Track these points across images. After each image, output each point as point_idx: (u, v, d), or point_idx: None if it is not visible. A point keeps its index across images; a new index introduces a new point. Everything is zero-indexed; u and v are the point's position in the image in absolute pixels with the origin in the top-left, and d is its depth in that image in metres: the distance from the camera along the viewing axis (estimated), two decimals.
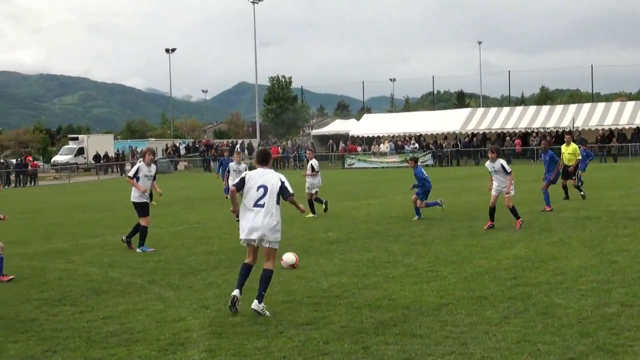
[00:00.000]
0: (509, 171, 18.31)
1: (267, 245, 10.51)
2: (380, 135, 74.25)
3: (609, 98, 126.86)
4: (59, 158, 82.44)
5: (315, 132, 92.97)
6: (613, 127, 65.82)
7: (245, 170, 22.42)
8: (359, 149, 72.99)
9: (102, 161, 76.54)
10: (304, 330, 9.11)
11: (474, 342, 8.29)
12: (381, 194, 32.27)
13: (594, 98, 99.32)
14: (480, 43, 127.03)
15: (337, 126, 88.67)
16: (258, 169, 10.77)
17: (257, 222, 10.40)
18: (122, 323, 9.90)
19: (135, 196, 17.15)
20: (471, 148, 67.23)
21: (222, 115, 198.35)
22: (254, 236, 10.46)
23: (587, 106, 72.37)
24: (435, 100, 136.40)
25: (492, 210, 18.53)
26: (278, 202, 10.50)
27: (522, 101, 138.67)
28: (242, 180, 10.69)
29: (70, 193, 46.54)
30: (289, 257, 13.72)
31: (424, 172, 21.78)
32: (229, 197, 17.10)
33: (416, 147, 69.26)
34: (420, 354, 7.96)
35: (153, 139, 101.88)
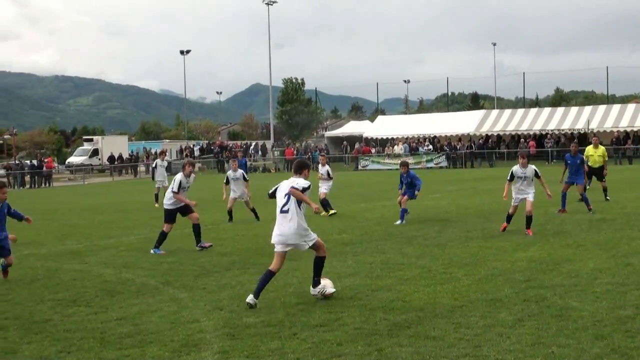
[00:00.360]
0: (540, 175, 17.91)
1: (305, 248, 11.22)
2: (394, 136, 74.17)
3: (624, 100, 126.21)
4: (73, 159, 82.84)
5: (329, 133, 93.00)
6: (628, 129, 65.58)
7: (243, 175, 23.18)
8: (373, 150, 72.93)
9: (116, 162, 76.82)
10: (317, 332, 9.10)
11: (487, 344, 8.26)
12: (395, 196, 32.19)
13: (609, 100, 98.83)
14: (494, 44, 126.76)
15: (351, 128, 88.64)
16: (290, 178, 11.40)
17: (283, 228, 11.01)
18: (136, 324, 9.92)
19: (168, 203, 17.22)
20: (485, 150, 67.11)
21: (236, 117, 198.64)
22: (284, 247, 11.11)
23: (602, 108, 72.14)
24: (450, 102, 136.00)
25: (511, 217, 18.18)
26: (300, 207, 10.97)
27: (537, 103, 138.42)
28: (275, 190, 11.45)
29: (85, 194, 46.71)
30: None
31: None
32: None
33: (430, 149, 69.20)
34: (434, 356, 7.94)
35: (167, 141, 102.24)
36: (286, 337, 8.90)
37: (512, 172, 18.11)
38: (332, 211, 23.55)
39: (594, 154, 25.26)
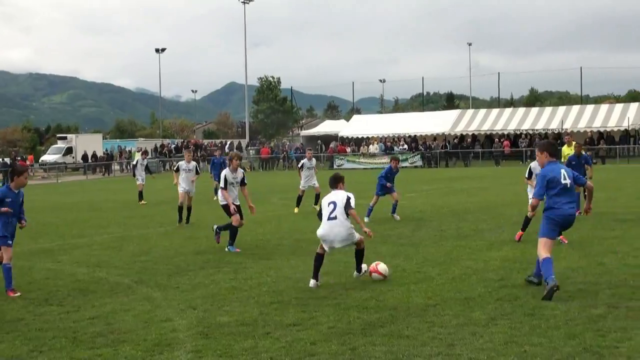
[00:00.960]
0: None
1: (347, 246, 12.39)
2: (370, 136, 74.31)
3: (597, 100, 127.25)
4: (47, 157, 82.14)
5: (304, 132, 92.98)
6: (602, 129, 66.17)
7: (196, 167, 22.87)
8: (348, 149, 72.97)
9: (90, 161, 76.32)
10: (291, 331, 9.09)
11: (460, 343, 8.29)
12: (369, 195, 32.14)
13: (583, 100, 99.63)
14: (470, 45, 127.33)
15: (327, 127, 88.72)
16: (331, 192, 12.67)
17: (331, 233, 12.08)
18: (109, 323, 9.86)
19: (221, 199, 16.86)
20: (460, 149, 67.41)
21: (211, 115, 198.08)
22: (329, 247, 12.27)
23: (576, 108, 72.81)
24: (425, 102, 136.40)
25: (529, 221, 16.36)
26: (347, 214, 12.13)
27: (512, 103, 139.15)
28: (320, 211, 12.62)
29: (58, 193, 46.37)
30: (383, 269, 12.97)
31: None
32: (218, 198, 17.07)
33: (405, 148, 69.39)
34: (407, 355, 7.96)
35: (142, 139, 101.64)
36: (260, 336, 8.89)
37: (530, 168, 17.17)
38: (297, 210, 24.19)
39: (569, 153, 25.15)
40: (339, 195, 12.39)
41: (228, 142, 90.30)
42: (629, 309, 9.68)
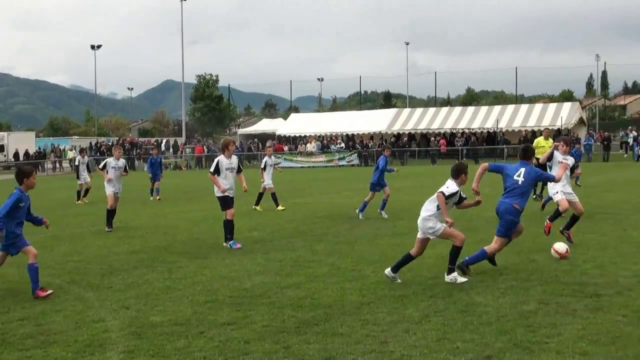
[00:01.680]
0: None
1: (433, 238, 11.90)
2: (307, 134, 74.41)
3: (532, 100, 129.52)
4: None
5: (242, 131, 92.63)
6: (535, 128, 67.21)
7: (125, 165, 21.62)
8: (286, 148, 72.95)
9: (22, 159, 74.89)
10: (225, 330, 9.04)
11: (394, 340, 8.34)
12: (307, 194, 32.30)
13: (518, 100, 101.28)
14: (407, 44, 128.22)
15: (264, 125, 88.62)
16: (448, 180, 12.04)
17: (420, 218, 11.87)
18: (39, 324, 9.68)
19: (216, 191, 16.43)
20: (396, 148, 67.83)
21: (147, 113, 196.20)
22: (420, 234, 11.96)
23: (511, 107, 74.01)
24: (363, 101, 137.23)
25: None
26: (436, 207, 11.70)
27: (448, 102, 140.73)
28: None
29: None
30: (560, 247, 13.32)
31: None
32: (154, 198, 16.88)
33: (342, 147, 69.65)
34: (341, 352, 7.98)
35: (76, 137, 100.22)
36: (193, 336, 8.81)
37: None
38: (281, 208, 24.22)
39: (545, 145, 24.32)
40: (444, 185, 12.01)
41: (164, 141, 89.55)
42: (559, 305, 9.85)
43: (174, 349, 8.32)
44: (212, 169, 16.32)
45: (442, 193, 11.62)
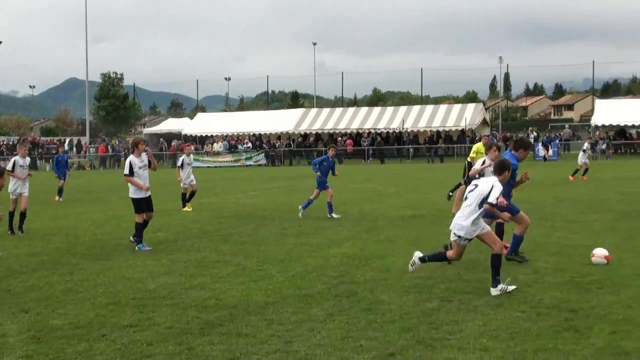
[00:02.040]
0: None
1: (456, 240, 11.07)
2: (214, 134, 73.94)
3: (437, 100, 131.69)
4: None
5: (147, 130, 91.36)
6: (440, 129, 68.45)
7: (25, 164, 20.55)
8: (192, 147, 72.28)
9: None
10: (127, 333, 8.88)
11: (298, 339, 8.34)
12: (213, 194, 32.10)
13: (424, 100, 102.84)
14: (315, 44, 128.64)
15: (170, 125, 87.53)
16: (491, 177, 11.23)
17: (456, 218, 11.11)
18: None
19: (131, 191, 16.02)
20: (303, 148, 68.06)
21: (50, 112, 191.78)
22: (453, 235, 11.12)
23: (416, 108, 75.13)
24: (270, 100, 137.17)
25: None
26: (479, 206, 10.73)
27: (355, 102, 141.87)
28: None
29: None
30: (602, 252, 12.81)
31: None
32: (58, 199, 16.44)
33: (249, 147, 69.49)
34: (245, 353, 7.93)
35: None
36: (94, 339, 8.63)
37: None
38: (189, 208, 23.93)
39: (484, 151, 24.62)
40: (486, 183, 10.92)
41: (67, 140, 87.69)
42: (461, 302, 10.02)
43: (74, 352, 8.13)
44: (126, 171, 16.00)
45: (491, 204, 10.66)
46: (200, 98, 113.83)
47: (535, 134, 69.56)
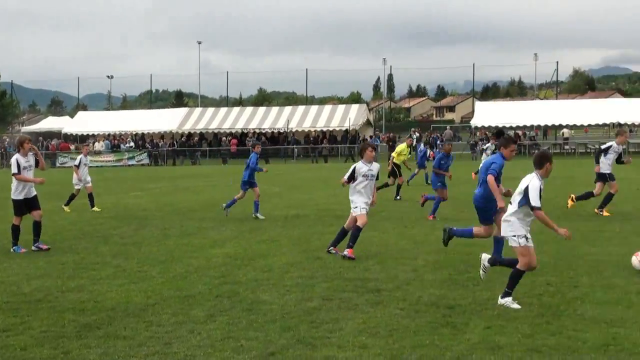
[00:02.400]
0: None
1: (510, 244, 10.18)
2: (96, 133, 72.38)
3: (322, 101, 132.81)
4: None
5: (25, 128, 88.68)
6: (325, 129, 68.95)
7: None
8: (72, 147, 70.57)
9: None
10: (0, 338, 8.59)
11: (178, 341, 8.25)
12: (94, 194, 31.34)
13: (308, 101, 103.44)
14: (200, 43, 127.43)
15: (50, 123, 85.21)
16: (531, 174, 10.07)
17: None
18: None
19: (15, 194, 15.52)
20: (187, 147, 67.39)
21: None
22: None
23: (301, 108, 75.48)
24: (154, 99, 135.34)
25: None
26: (519, 204, 9.88)
27: (240, 102, 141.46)
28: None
29: None
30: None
31: None
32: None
33: (132, 146, 68.39)
34: (123, 355, 7.79)
35: None
36: None
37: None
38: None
39: (407, 152, 26.93)
40: (525, 181, 9.95)
41: None
42: (342, 301, 10.12)
43: None
44: (14, 170, 15.45)
45: (537, 207, 9.66)
46: (82, 96, 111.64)
47: (417, 134, 70.91)
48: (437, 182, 19.65)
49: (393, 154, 26.70)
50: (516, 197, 9.99)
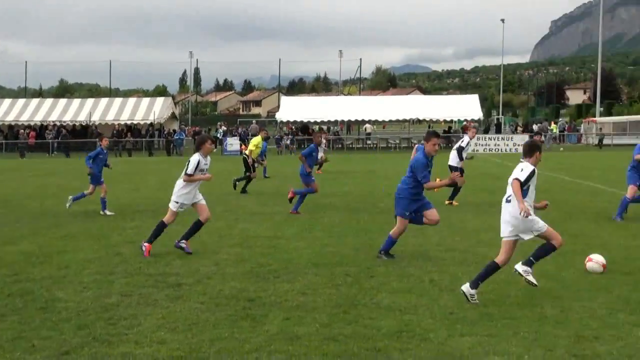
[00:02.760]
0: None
1: (527, 238, 9.65)
2: None
3: (127, 94, 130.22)
4: None
5: None
6: (129, 122, 67.65)
7: None
8: None
9: None
10: None
11: None
12: None
13: (113, 93, 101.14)
14: None
15: None
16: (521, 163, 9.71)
17: (503, 215, 9.74)
18: None
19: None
20: None
21: None
22: (505, 232, 9.72)
23: (104, 101, 73.83)
24: None
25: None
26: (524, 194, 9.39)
27: (40, 93, 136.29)
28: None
29: None
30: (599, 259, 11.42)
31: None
32: None
33: None
34: None
35: None
36: None
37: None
38: None
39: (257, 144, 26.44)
40: (516, 169, 9.62)
41: None
42: (141, 296, 9.98)
43: None
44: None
45: (518, 180, 9.41)
46: None
47: (224, 128, 70.95)
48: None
49: (250, 148, 26.37)
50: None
